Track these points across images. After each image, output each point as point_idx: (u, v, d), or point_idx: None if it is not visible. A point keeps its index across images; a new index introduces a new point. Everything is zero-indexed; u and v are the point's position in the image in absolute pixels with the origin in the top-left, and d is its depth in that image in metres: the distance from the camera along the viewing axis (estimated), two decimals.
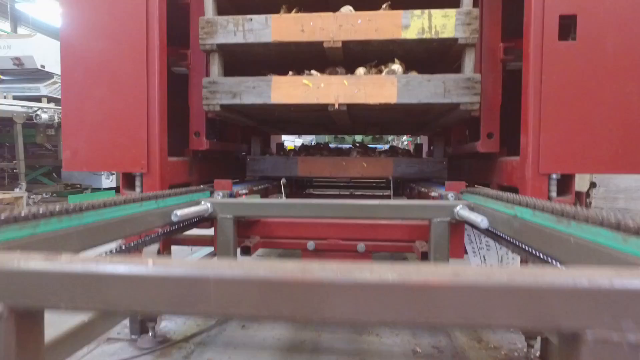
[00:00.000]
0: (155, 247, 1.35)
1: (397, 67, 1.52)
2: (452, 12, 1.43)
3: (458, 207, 1.17)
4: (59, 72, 6.54)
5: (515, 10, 1.49)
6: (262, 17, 1.51)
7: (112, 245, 1.01)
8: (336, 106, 1.50)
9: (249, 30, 1.52)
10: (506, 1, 1.52)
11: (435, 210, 1.22)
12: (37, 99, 6.79)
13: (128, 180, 1.50)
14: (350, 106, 1.50)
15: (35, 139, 6.34)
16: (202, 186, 1.37)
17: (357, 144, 2.73)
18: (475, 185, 1.62)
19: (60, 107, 6.60)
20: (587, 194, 1.42)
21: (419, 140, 4.75)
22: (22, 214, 0.67)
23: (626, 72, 1.27)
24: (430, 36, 1.44)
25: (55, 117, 6.15)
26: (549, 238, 0.83)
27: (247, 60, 1.74)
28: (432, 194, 1.53)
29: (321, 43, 1.48)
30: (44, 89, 6.53)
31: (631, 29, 1.25)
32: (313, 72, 1.57)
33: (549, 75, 1.30)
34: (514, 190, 1.43)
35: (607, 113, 1.26)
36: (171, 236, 1.32)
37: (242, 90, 1.53)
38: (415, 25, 1.44)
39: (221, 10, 1.58)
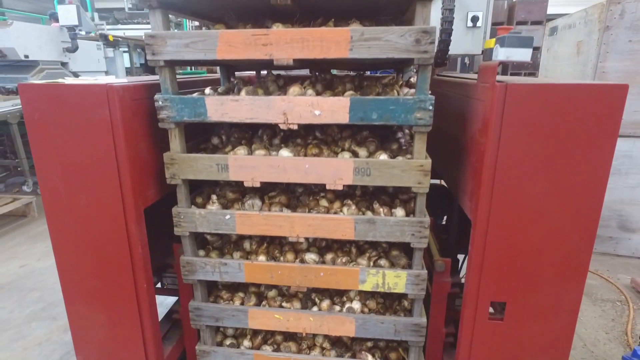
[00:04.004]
0: None
1: (357, 305, 1.73)
2: (403, 273, 1.60)
3: None
4: (44, 59, 6.51)
5: None
6: (236, 262, 1.68)
7: None
8: (304, 335, 1.76)
9: (224, 272, 1.70)
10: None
11: None
12: None
13: None
14: None
15: None
16: None
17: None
18: None
19: None
20: None
21: None
22: None
23: (542, 350, 1.51)
24: (384, 290, 1.64)
25: None
26: None
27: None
28: None
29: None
30: (32, 79, 6.38)
31: (550, 317, 1.46)
32: (284, 304, 1.79)
33: (477, 349, 1.54)
34: None
35: None
36: None
37: (224, 316, 1.78)
38: (371, 281, 1.62)
39: None
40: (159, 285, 2.27)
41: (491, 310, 1.54)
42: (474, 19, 2.47)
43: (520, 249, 1.40)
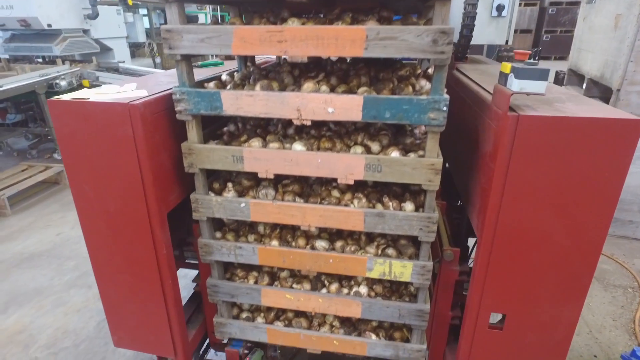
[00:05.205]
0: None
1: (364, 290, 1.81)
2: (409, 264, 1.66)
3: None
4: (67, 27, 6.71)
5: None
6: (250, 246, 1.78)
7: None
8: (313, 314, 1.88)
9: (239, 255, 1.81)
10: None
11: None
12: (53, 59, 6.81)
13: None
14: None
15: None
16: None
17: None
18: None
19: (77, 68, 6.64)
20: None
21: None
22: None
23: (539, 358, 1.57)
24: (390, 278, 1.71)
25: (74, 81, 6.28)
26: None
27: None
28: None
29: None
30: (56, 49, 6.50)
31: (548, 330, 1.51)
32: (295, 285, 1.89)
33: (476, 355, 1.62)
34: None
35: None
36: None
37: (239, 293, 1.91)
38: (378, 269, 1.70)
39: None
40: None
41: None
42: (499, 8, 2.36)
43: (522, 269, 1.43)
